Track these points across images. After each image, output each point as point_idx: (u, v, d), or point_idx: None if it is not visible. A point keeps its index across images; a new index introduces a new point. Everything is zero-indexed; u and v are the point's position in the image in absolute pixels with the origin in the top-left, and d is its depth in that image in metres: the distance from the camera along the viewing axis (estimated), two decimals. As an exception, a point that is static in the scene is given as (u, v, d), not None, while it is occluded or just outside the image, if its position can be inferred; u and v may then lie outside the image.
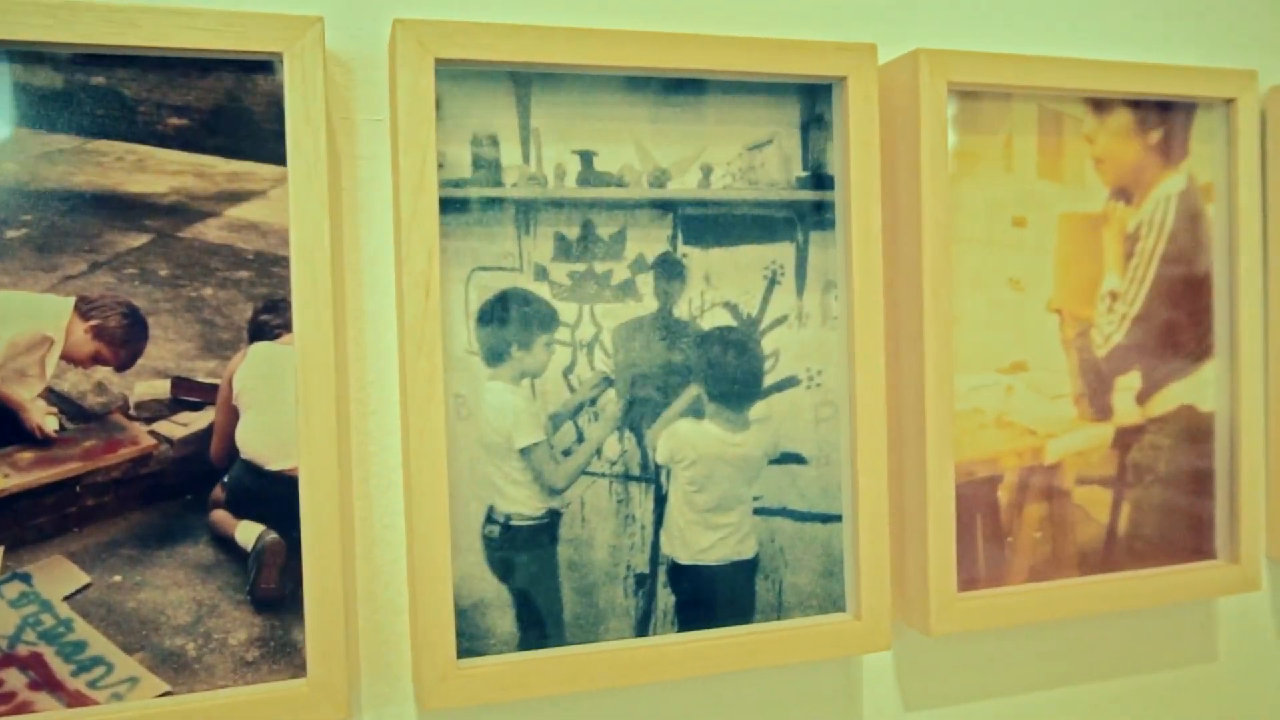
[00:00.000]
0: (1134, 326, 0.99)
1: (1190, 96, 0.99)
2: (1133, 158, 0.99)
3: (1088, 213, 0.97)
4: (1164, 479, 1.01)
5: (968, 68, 0.90)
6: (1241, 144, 1.00)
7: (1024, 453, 0.96)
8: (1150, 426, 1.00)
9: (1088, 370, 0.98)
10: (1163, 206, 1.00)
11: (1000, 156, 0.94)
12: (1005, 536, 0.95)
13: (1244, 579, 1.01)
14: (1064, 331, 0.97)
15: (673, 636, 0.86)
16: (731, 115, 0.86)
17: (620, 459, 0.84)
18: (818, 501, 0.89)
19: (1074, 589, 0.96)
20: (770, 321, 0.88)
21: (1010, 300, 0.95)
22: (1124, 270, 0.99)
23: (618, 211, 0.84)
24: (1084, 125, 0.97)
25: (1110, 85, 0.96)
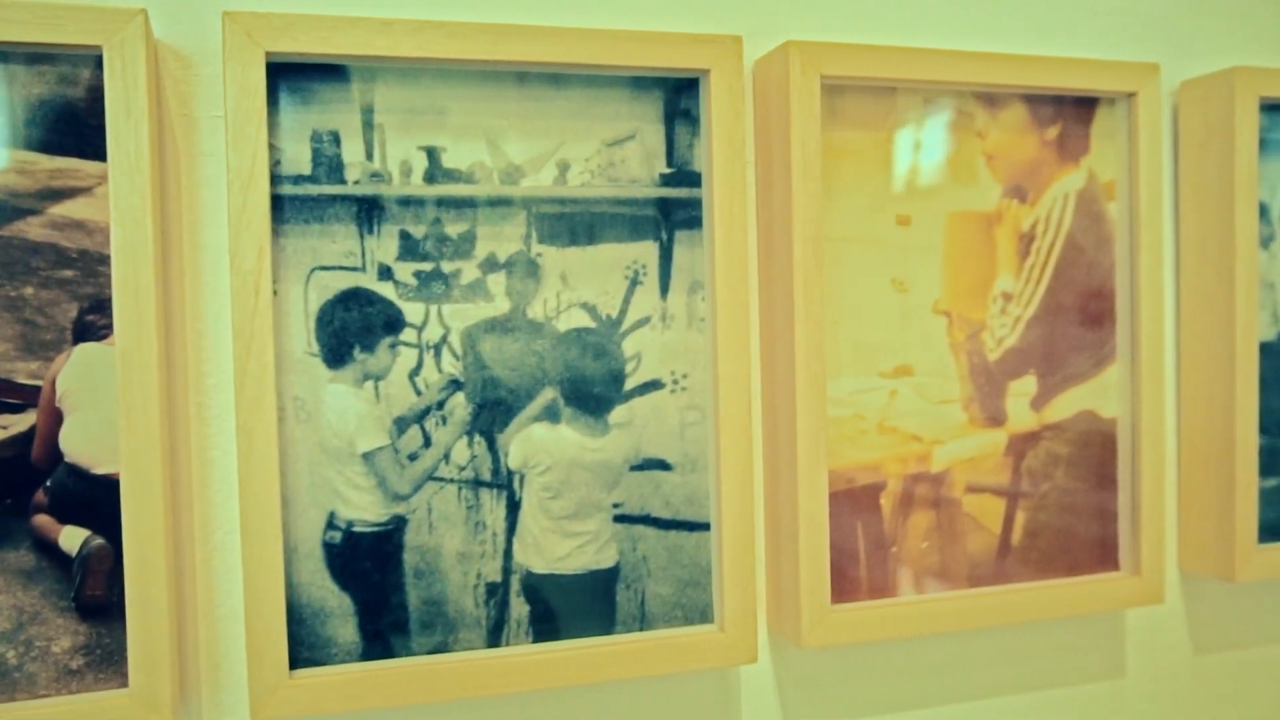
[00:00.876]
0: (1029, 329, 0.96)
1: (1090, 91, 0.96)
2: (1028, 154, 0.96)
3: (979, 211, 0.94)
4: (1062, 487, 0.98)
5: (842, 60, 0.87)
6: (1143, 140, 0.96)
7: (909, 459, 0.93)
8: (1046, 433, 0.97)
9: (978, 374, 0.95)
10: (1060, 205, 0.97)
11: (883, 153, 0.91)
12: (889, 546, 0.93)
13: (1146, 592, 0.98)
14: (952, 334, 0.94)
15: (527, 647, 0.84)
16: (590, 110, 0.84)
17: (470, 464, 0.82)
18: (684, 509, 0.87)
19: (962, 601, 0.93)
20: (632, 323, 0.85)
21: (894, 301, 0.92)
22: (1018, 271, 0.96)
23: (467, 209, 0.82)
24: (975, 121, 0.94)
25: (1002, 79, 0.93)
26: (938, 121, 0.93)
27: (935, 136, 0.93)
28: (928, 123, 0.93)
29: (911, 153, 0.92)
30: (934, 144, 0.93)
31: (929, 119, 0.93)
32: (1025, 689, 1.02)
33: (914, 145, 0.92)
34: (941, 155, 0.93)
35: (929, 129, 0.93)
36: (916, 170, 0.93)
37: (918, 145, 0.92)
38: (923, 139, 0.93)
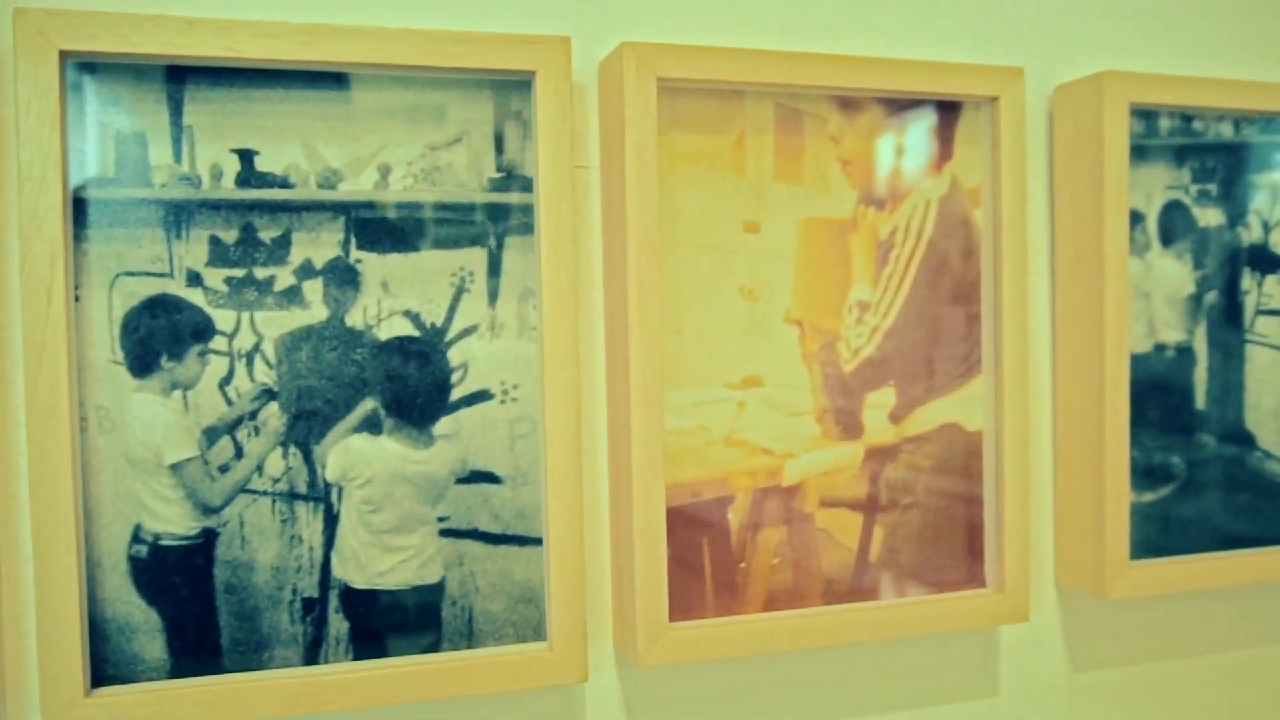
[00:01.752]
0: (887, 339, 0.94)
1: (950, 95, 0.94)
2: (886, 160, 0.94)
3: (833, 218, 0.92)
4: (924, 502, 0.96)
5: (681, 62, 0.86)
6: (1006, 145, 0.94)
7: (758, 473, 0.91)
8: (907, 446, 0.95)
9: (833, 386, 0.93)
10: (921, 212, 0.95)
11: (730, 158, 0.89)
12: (737, 562, 0.90)
13: (1010, 609, 0.96)
14: (805, 344, 0.92)
15: (346, 665, 0.82)
16: (414, 112, 0.82)
17: (285, 476, 0.80)
18: (514, 523, 0.85)
19: (815, 618, 0.91)
20: (458, 331, 0.83)
21: (742, 310, 0.90)
22: (876, 279, 0.93)
23: (282, 214, 0.80)
24: (829, 125, 0.92)
25: (857, 82, 0.91)
26: (789, 126, 0.91)
27: (786, 141, 0.91)
28: (778, 127, 0.91)
29: (761, 158, 0.90)
30: (785, 149, 0.91)
31: (780, 123, 0.91)
32: (895, 707, 1.00)
33: (764, 150, 0.90)
34: (793, 160, 0.91)
35: (779, 133, 0.91)
36: (766, 176, 0.90)
37: (768, 150, 0.90)
38: (773, 144, 0.90)
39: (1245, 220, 1.06)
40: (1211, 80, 1.01)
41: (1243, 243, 1.06)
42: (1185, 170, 1.03)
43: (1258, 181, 1.06)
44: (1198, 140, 1.04)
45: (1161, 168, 1.02)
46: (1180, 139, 1.03)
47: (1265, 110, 1.04)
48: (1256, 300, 1.07)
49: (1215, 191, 1.04)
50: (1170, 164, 1.03)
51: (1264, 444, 1.08)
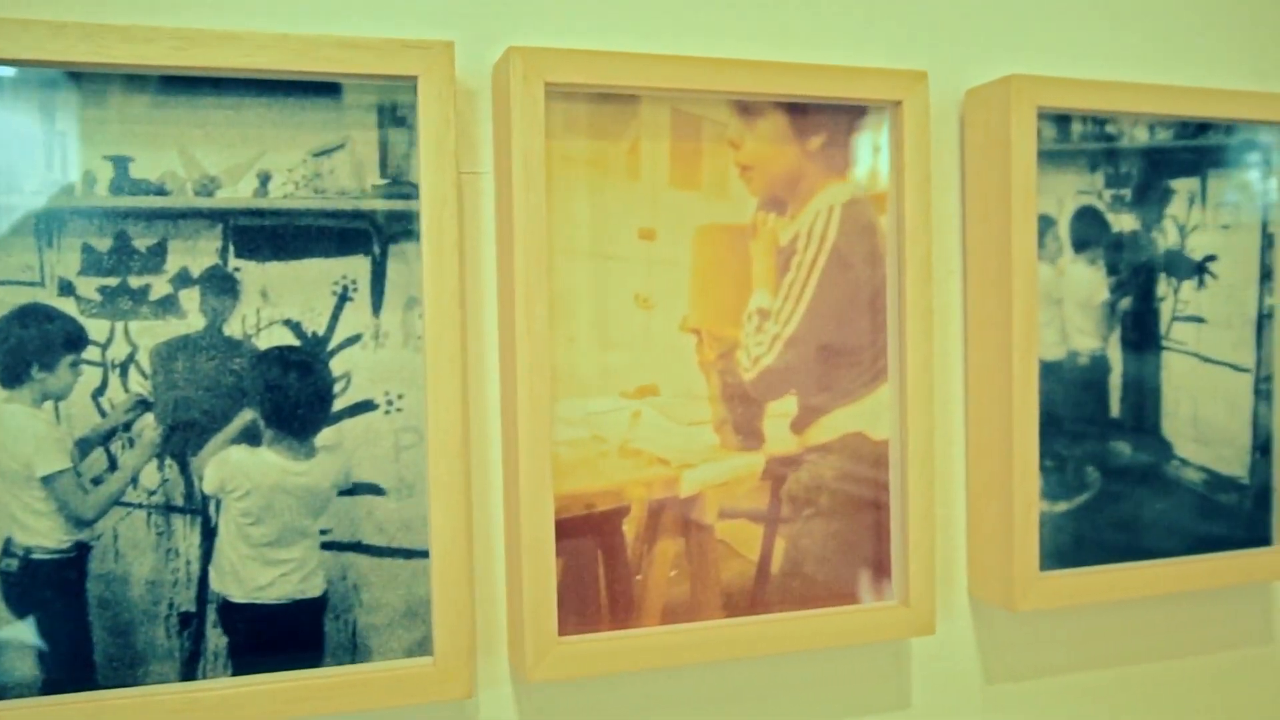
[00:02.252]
0: (788, 348, 0.93)
1: (852, 99, 0.93)
2: (788, 165, 0.93)
3: (732, 224, 0.92)
4: (828, 513, 0.95)
5: (570, 67, 0.85)
6: (909, 150, 0.94)
7: (654, 483, 0.90)
8: (809, 456, 0.94)
9: (732, 395, 0.92)
10: (824, 218, 0.94)
11: (625, 164, 0.89)
12: (633, 575, 0.89)
13: (916, 622, 0.95)
14: (702, 353, 0.91)
15: (224, 681, 0.81)
16: (295, 118, 0.81)
17: (161, 489, 0.79)
18: (399, 536, 0.84)
19: (713, 631, 0.90)
20: (341, 341, 0.82)
21: (637, 319, 0.89)
22: (776, 287, 0.93)
23: (158, 222, 0.79)
24: (728, 130, 0.91)
25: (756, 87, 0.90)
26: (686, 132, 0.90)
27: (683, 147, 0.90)
28: (675, 133, 0.90)
29: (656, 164, 0.89)
30: (682, 155, 0.90)
31: (676, 129, 0.90)
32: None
33: (659, 156, 0.89)
34: (690, 166, 0.90)
35: (676, 139, 0.90)
36: (662, 182, 0.90)
37: (663, 156, 0.89)
38: (669, 149, 0.90)
39: (1161, 226, 1.05)
40: (1123, 84, 1.01)
41: (1158, 248, 1.05)
42: (1098, 175, 1.02)
43: (1173, 186, 1.05)
44: (1112, 145, 1.03)
45: (1073, 173, 1.01)
46: (1093, 144, 1.02)
47: (1177, 115, 1.03)
48: (1173, 307, 1.06)
49: (1130, 197, 1.04)
50: (1083, 169, 1.02)
51: (1181, 452, 1.07)
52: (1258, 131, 1.09)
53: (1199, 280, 1.07)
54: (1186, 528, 1.07)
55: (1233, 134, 1.08)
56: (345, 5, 0.86)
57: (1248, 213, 1.09)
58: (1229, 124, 1.07)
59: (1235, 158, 1.08)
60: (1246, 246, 1.09)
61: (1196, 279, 1.07)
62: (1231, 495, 1.09)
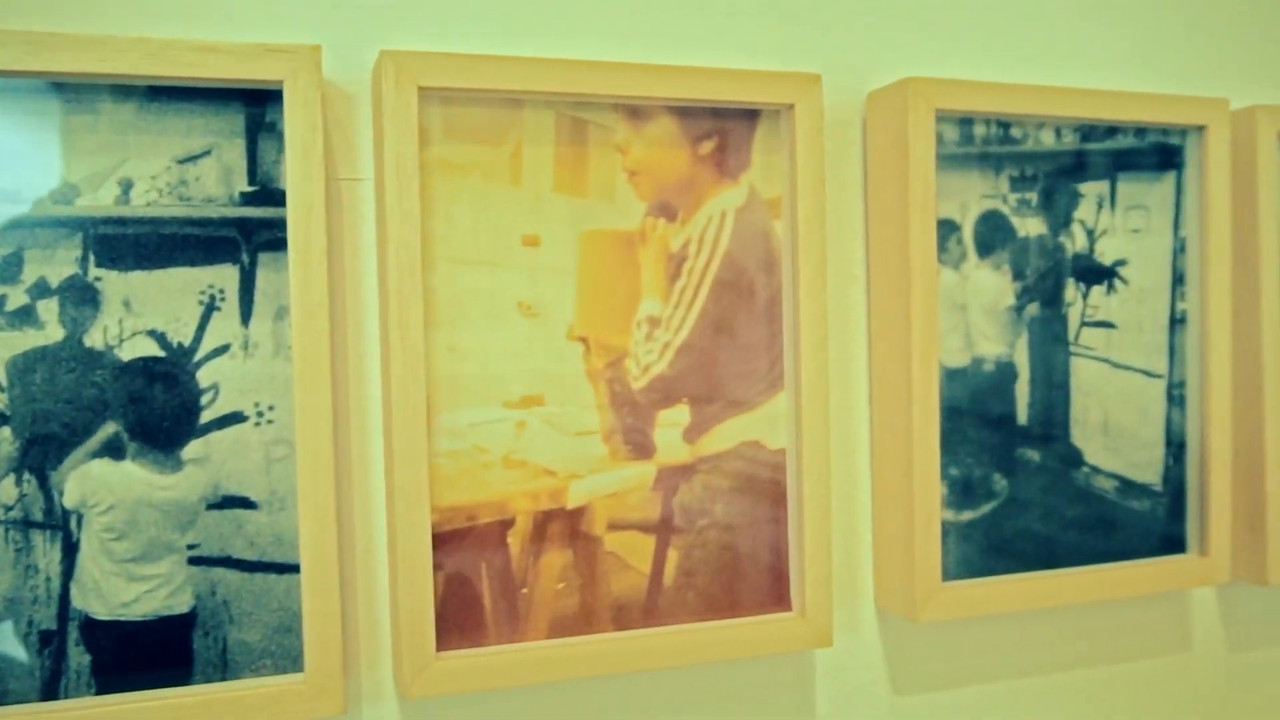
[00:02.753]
0: (680, 356, 0.92)
1: (743, 102, 0.92)
2: (678, 170, 0.91)
3: (619, 230, 0.90)
4: (724, 523, 0.93)
5: (446, 71, 0.83)
6: (802, 154, 0.92)
7: (540, 495, 0.88)
8: (703, 466, 0.93)
9: (621, 404, 0.90)
10: (716, 223, 0.92)
11: (507, 169, 0.87)
12: (519, 588, 0.88)
13: (813, 634, 0.93)
14: (590, 361, 0.89)
15: (87, 700, 0.79)
16: (158, 124, 0.80)
17: (19, 504, 0.78)
18: (271, 550, 0.82)
19: (602, 645, 0.89)
20: (208, 352, 0.81)
21: (521, 327, 0.88)
22: (667, 293, 0.91)
23: (13, 231, 0.77)
24: (615, 135, 0.90)
25: (642, 90, 0.89)
26: (571, 136, 0.89)
27: (568, 152, 0.88)
28: (559, 137, 0.88)
29: (540, 169, 0.88)
30: (567, 160, 0.88)
31: (561, 133, 0.88)
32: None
33: (543, 161, 0.88)
34: (576, 171, 0.89)
35: (560, 144, 0.88)
36: (546, 187, 0.88)
37: (547, 161, 0.88)
38: (553, 154, 0.88)
39: (1068, 230, 1.04)
40: (1024, 87, 1.00)
41: (1066, 253, 1.04)
42: (1003, 179, 1.01)
43: (1081, 190, 1.04)
44: (1017, 148, 1.02)
45: (977, 176, 1.00)
46: (998, 147, 1.01)
47: (1079, 117, 1.02)
48: (1081, 312, 1.05)
49: (1036, 201, 1.02)
50: (987, 172, 1.01)
51: (1092, 459, 1.06)
52: (1168, 135, 1.08)
53: (1109, 285, 1.06)
54: (1098, 536, 1.06)
55: (1143, 137, 1.07)
56: (219, 9, 0.84)
57: (1159, 217, 1.08)
58: (1139, 127, 1.06)
59: (1145, 161, 1.07)
60: (1158, 251, 1.08)
61: (1106, 284, 1.06)
62: (1144, 503, 1.08)
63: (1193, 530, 1.10)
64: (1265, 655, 1.20)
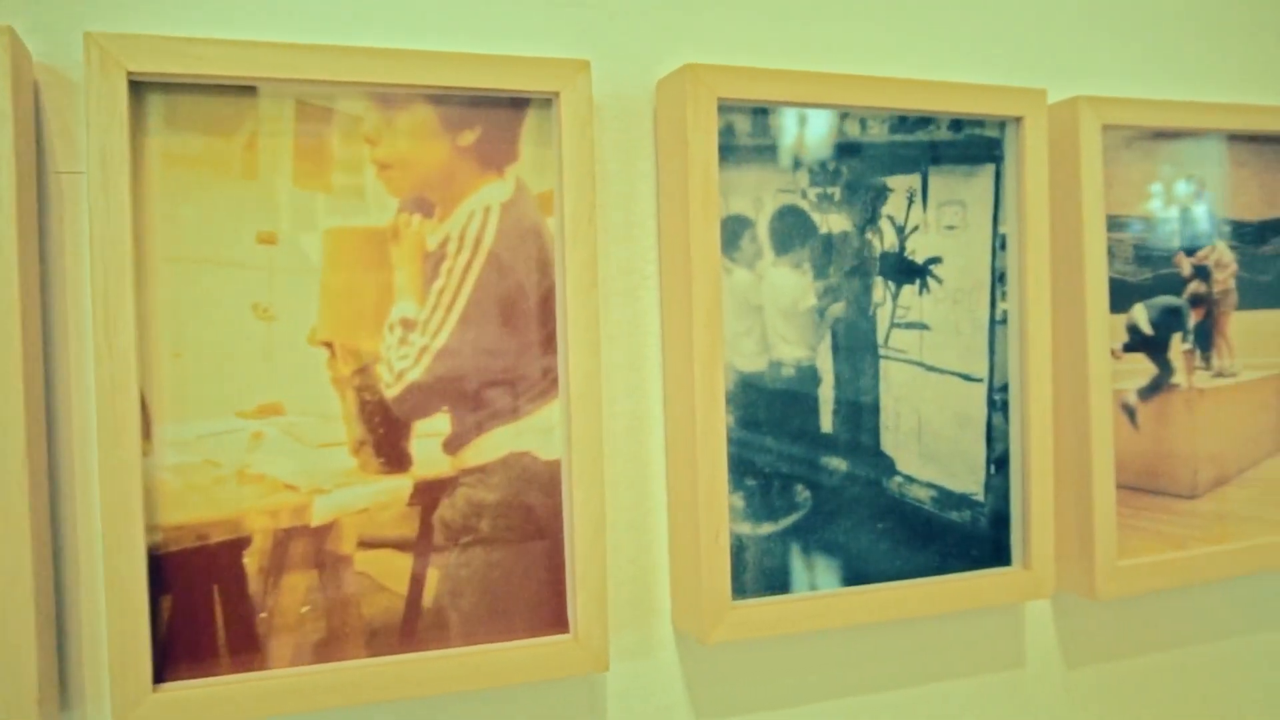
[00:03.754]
0: (439, 361, 0.86)
1: (507, 91, 0.86)
2: (435, 163, 0.86)
3: (368, 227, 0.84)
4: (491, 540, 0.88)
5: (159, 56, 0.77)
6: (569, 146, 0.87)
7: (280, 512, 0.83)
8: (466, 479, 0.87)
9: (371, 413, 0.84)
10: (479, 220, 0.87)
11: (240, 162, 0.81)
12: (257, 612, 0.82)
13: (587, 658, 0.88)
14: (336, 368, 0.83)
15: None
16: None
17: None
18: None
19: (355, 672, 0.83)
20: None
21: (257, 331, 0.82)
22: (424, 295, 0.85)
23: None
24: (363, 125, 0.84)
25: (390, 78, 0.83)
26: (314, 126, 0.83)
27: (310, 143, 0.83)
28: (300, 128, 0.83)
29: (278, 161, 0.82)
30: (308, 151, 0.83)
31: (302, 123, 0.83)
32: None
33: (281, 153, 0.82)
34: (319, 164, 0.83)
35: (301, 135, 0.82)
36: (285, 181, 0.82)
37: (286, 153, 0.82)
38: (292, 146, 0.82)
39: (876, 226, 0.99)
40: (821, 75, 0.94)
41: (874, 250, 0.99)
42: (802, 172, 0.96)
43: (890, 184, 0.99)
44: (818, 140, 0.96)
45: (773, 170, 0.95)
46: (795, 139, 0.96)
47: (887, 107, 0.97)
48: (891, 312, 1.00)
49: (839, 195, 0.97)
50: (784, 166, 0.95)
51: (905, 468, 1.00)
52: (985, 127, 1.03)
53: (921, 285, 1.01)
54: (914, 549, 1.01)
55: (959, 130, 1.02)
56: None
57: (976, 213, 1.03)
58: (954, 119, 1.01)
59: (960, 154, 1.02)
60: (975, 248, 1.03)
61: (918, 283, 1.01)
62: (964, 513, 1.03)
63: (1017, 542, 1.05)
64: (1101, 670, 1.15)
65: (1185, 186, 1.13)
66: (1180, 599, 1.19)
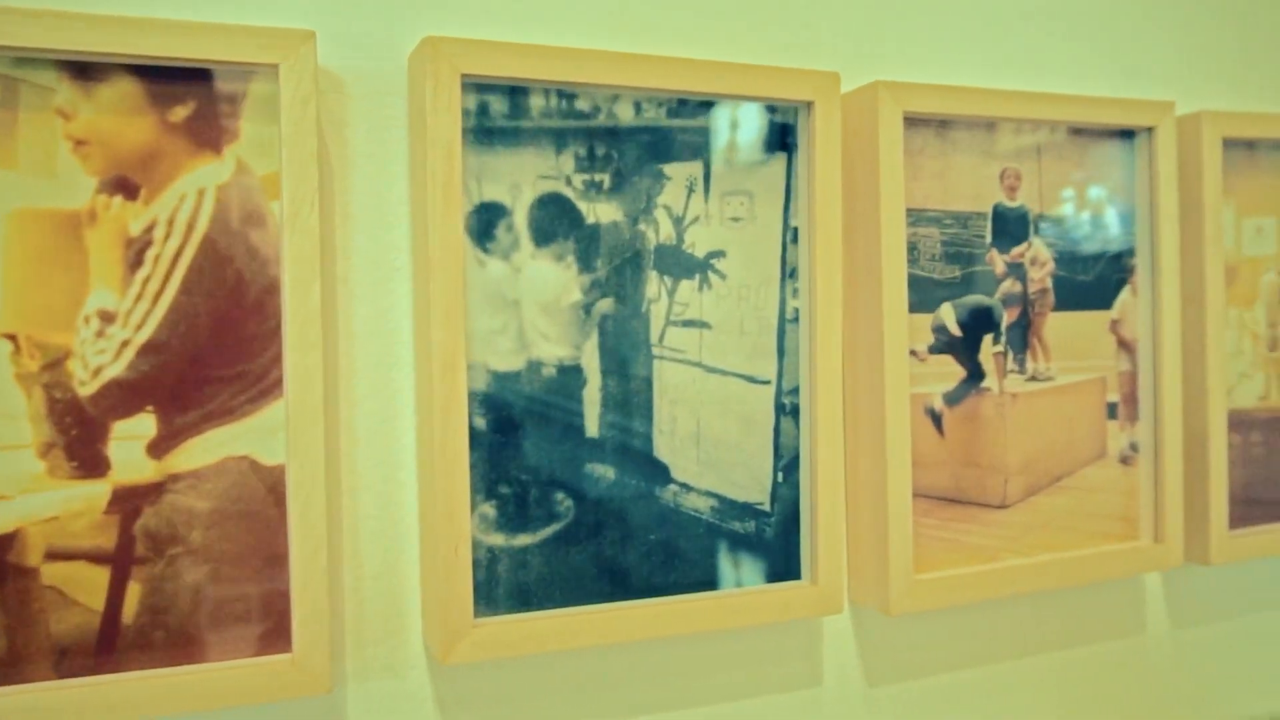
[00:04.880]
0: (143, 357, 0.79)
1: (224, 62, 0.79)
2: (140, 140, 0.79)
3: (60, 209, 0.77)
4: (203, 552, 0.81)
5: None
6: (289, 123, 0.80)
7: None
8: (174, 485, 0.80)
9: (62, 413, 0.77)
10: (192, 203, 0.80)
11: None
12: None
13: (306, 680, 0.82)
14: (20, 363, 0.77)
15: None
16: None
17: None
18: None
19: (41, 695, 0.76)
20: None
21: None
22: (125, 284, 0.79)
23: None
24: (55, 96, 0.77)
25: (89, 45, 0.76)
26: (3, 97, 0.76)
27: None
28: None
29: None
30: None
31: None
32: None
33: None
34: (2, 138, 0.76)
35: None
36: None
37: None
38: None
39: (651, 217, 0.93)
40: (581, 52, 0.88)
41: (648, 243, 0.93)
42: (567, 157, 0.90)
43: (667, 172, 0.93)
44: (586, 123, 0.90)
45: (534, 154, 0.89)
46: (559, 121, 0.89)
47: (657, 89, 0.91)
48: (668, 309, 0.94)
49: (609, 183, 0.91)
50: (546, 150, 0.89)
51: (682, 475, 0.95)
52: (776, 113, 0.97)
53: (702, 280, 0.95)
54: (693, 562, 0.95)
55: (746, 114, 0.96)
56: None
57: (765, 204, 0.97)
58: (741, 102, 0.95)
59: (747, 141, 0.96)
60: (764, 242, 0.97)
61: (698, 278, 0.95)
62: (749, 524, 0.97)
63: (806, 555, 0.99)
64: (904, 688, 1.10)
65: (999, 180, 1.08)
66: (992, 612, 1.15)
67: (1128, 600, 1.23)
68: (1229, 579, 1.30)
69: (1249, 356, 1.23)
